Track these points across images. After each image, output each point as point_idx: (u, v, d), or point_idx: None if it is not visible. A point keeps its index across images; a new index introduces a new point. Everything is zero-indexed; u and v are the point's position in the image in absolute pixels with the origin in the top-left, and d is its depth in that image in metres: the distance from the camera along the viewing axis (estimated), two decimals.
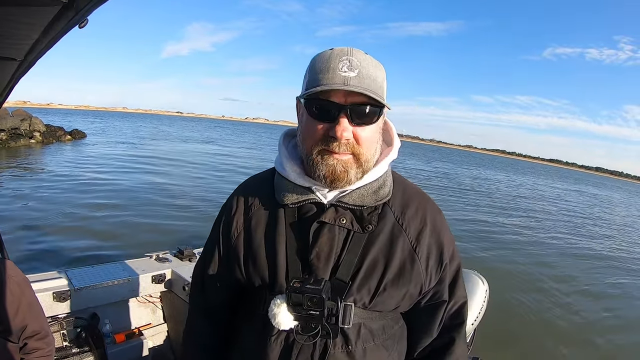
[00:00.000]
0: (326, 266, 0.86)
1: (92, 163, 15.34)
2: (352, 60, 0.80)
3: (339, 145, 0.81)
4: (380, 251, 0.87)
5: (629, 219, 21.06)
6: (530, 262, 8.79)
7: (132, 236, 7.06)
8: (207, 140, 39.05)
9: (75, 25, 0.73)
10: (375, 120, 0.83)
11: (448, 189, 20.21)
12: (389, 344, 0.92)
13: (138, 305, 2.65)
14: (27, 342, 1.51)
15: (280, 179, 0.93)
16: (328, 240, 0.86)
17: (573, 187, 44.82)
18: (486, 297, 2.55)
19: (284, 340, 0.87)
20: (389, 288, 0.87)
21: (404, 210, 0.92)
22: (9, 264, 1.54)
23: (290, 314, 0.84)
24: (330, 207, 0.89)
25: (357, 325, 0.87)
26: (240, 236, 0.94)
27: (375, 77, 0.82)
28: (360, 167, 0.85)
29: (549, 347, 4.97)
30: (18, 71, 0.97)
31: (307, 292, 0.80)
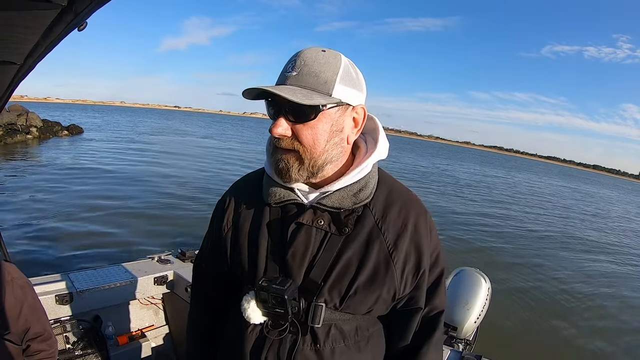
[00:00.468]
0: (300, 266, 0.88)
1: (90, 159, 15.33)
2: (297, 60, 0.83)
3: (278, 141, 0.85)
4: (354, 254, 0.87)
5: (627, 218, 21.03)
6: (531, 259, 8.79)
7: (134, 237, 7.08)
8: (207, 136, 39.05)
9: (74, 28, 0.73)
10: (312, 117, 0.82)
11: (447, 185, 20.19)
12: (361, 345, 0.92)
13: (140, 307, 2.65)
14: (30, 344, 1.51)
15: (267, 178, 0.96)
16: (304, 241, 0.88)
17: (570, 184, 44.85)
18: (489, 295, 2.56)
19: (259, 332, 0.91)
20: (360, 291, 0.87)
21: (385, 213, 0.91)
22: (11, 266, 1.54)
23: (258, 310, 0.88)
24: (309, 208, 0.90)
25: (327, 326, 0.89)
26: (229, 232, 0.98)
27: (319, 73, 0.82)
28: (303, 164, 0.86)
29: (552, 345, 4.97)
30: (18, 75, 0.97)
31: (271, 291, 0.84)
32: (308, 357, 0.88)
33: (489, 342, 3.77)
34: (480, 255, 8.47)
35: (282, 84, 0.82)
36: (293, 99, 0.77)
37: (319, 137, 0.84)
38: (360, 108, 0.89)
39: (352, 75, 0.86)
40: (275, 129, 0.83)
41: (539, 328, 5.37)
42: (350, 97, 0.86)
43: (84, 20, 0.72)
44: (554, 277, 7.71)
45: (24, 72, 0.96)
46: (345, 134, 0.89)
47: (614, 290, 7.62)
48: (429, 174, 26.70)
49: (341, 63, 0.84)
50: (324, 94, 0.82)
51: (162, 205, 9.59)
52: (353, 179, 0.90)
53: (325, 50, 0.85)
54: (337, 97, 0.83)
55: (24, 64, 0.89)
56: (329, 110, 0.84)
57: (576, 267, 8.91)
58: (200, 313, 1.14)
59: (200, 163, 17.54)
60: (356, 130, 0.91)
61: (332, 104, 0.83)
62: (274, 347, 0.89)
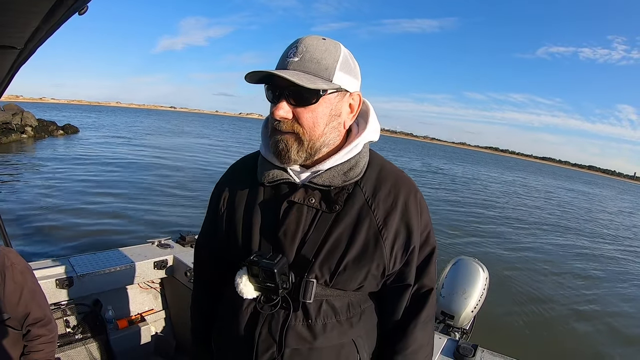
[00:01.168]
0: (292, 243, 0.90)
1: (86, 155, 15.32)
2: (298, 46, 0.85)
3: (279, 124, 0.88)
4: (344, 231, 0.90)
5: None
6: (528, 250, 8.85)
7: (134, 223, 7.10)
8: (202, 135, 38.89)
9: (75, 12, 0.73)
10: (314, 101, 0.85)
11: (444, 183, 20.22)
12: (354, 321, 0.94)
13: (140, 291, 2.67)
14: (30, 329, 1.52)
15: (262, 159, 0.99)
16: (295, 219, 0.91)
17: (566, 185, 44.99)
18: (486, 284, 2.58)
19: (253, 309, 0.93)
20: (349, 267, 0.89)
21: (376, 191, 0.93)
22: (11, 252, 1.55)
23: (251, 284, 0.90)
24: (301, 187, 0.93)
25: (319, 302, 0.91)
26: (225, 213, 1.01)
27: (320, 60, 0.85)
28: (302, 146, 0.89)
29: (548, 335, 5.03)
30: (18, 60, 0.96)
31: (261, 265, 0.86)
32: (300, 332, 0.90)
33: (485, 331, 3.81)
34: (478, 245, 8.52)
35: (283, 68, 0.84)
36: (299, 82, 0.80)
37: (319, 120, 0.87)
38: (357, 94, 0.93)
39: (350, 64, 0.90)
40: (277, 112, 0.85)
41: (536, 318, 5.43)
42: (349, 84, 0.89)
43: (85, 4, 0.71)
44: (551, 269, 7.77)
45: (24, 57, 0.95)
46: (342, 119, 0.92)
47: (609, 281, 7.69)
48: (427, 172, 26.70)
49: (341, 51, 0.88)
50: (325, 79, 0.85)
51: (161, 191, 9.61)
52: (343, 158, 0.92)
53: (325, 39, 0.87)
54: (337, 84, 0.86)
55: (24, 48, 0.88)
56: (329, 96, 0.87)
57: (572, 258, 8.98)
58: (202, 293, 1.18)
59: (196, 157, 17.55)
60: (352, 116, 0.94)
61: (332, 90, 0.86)
62: (267, 322, 0.91)
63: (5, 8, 0.67)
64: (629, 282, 7.86)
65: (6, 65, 1.01)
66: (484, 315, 2.64)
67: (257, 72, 0.84)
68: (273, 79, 0.84)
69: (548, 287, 6.67)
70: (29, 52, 0.91)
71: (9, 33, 0.80)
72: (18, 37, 0.83)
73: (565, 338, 5.06)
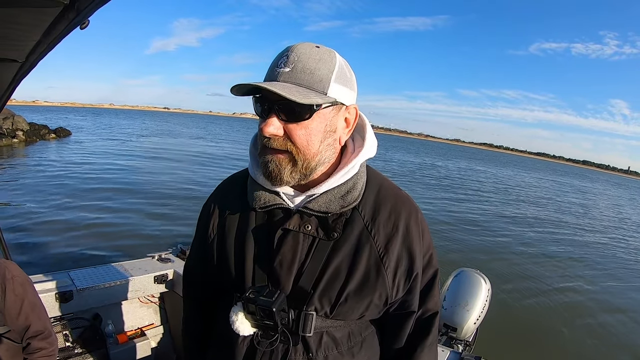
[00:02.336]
0: (289, 274, 0.84)
1: (80, 161, 15.15)
2: (290, 55, 0.77)
3: (268, 140, 0.80)
4: (344, 260, 0.84)
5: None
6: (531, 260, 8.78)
7: (134, 236, 7.08)
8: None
9: (77, 26, 0.73)
10: (307, 116, 0.78)
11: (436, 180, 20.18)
12: (355, 351, 0.90)
13: (140, 305, 2.65)
14: (30, 342, 1.51)
15: (251, 181, 0.92)
16: (291, 248, 0.85)
17: (561, 179, 44.79)
18: (488, 296, 2.56)
19: (250, 343, 0.88)
20: (350, 298, 0.84)
21: (375, 215, 0.87)
22: (12, 264, 1.54)
23: (247, 322, 0.85)
24: (296, 213, 0.86)
25: (319, 334, 0.86)
26: (215, 239, 0.95)
27: (314, 70, 0.77)
28: (296, 166, 0.81)
29: (552, 347, 4.97)
30: (19, 73, 0.97)
31: (259, 303, 0.80)
32: None
33: (488, 343, 3.76)
34: (480, 255, 8.47)
35: (273, 79, 0.77)
36: (290, 97, 0.72)
37: (313, 137, 0.80)
38: (353, 108, 0.86)
39: (346, 74, 0.82)
40: (266, 128, 0.77)
41: (539, 329, 5.37)
42: (344, 97, 0.82)
43: (86, 18, 0.72)
44: (554, 279, 7.69)
45: (25, 70, 0.96)
46: (338, 134, 0.85)
47: (617, 290, 7.61)
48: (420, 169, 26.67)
49: (336, 61, 0.80)
50: (320, 92, 0.77)
51: (161, 204, 9.59)
52: (340, 181, 0.86)
53: (319, 47, 0.80)
54: (332, 97, 0.79)
55: (25, 61, 0.89)
56: (323, 110, 0.79)
57: (578, 268, 8.90)
58: (193, 316, 1.12)
59: (193, 165, 17.54)
60: (347, 131, 0.87)
61: (327, 104, 0.79)
62: (265, 358, 0.86)
63: (6, 21, 0.68)
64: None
65: (7, 78, 1.02)
66: (486, 326, 2.61)
67: (243, 84, 0.76)
68: (262, 91, 0.77)
69: (552, 298, 6.60)
70: (30, 66, 0.92)
71: (10, 46, 0.81)
72: (19, 51, 0.84)
73: (569, 349, 5.00)
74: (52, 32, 0.74)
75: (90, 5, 0.66)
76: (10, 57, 0.86)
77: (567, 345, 5.09)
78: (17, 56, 0.86)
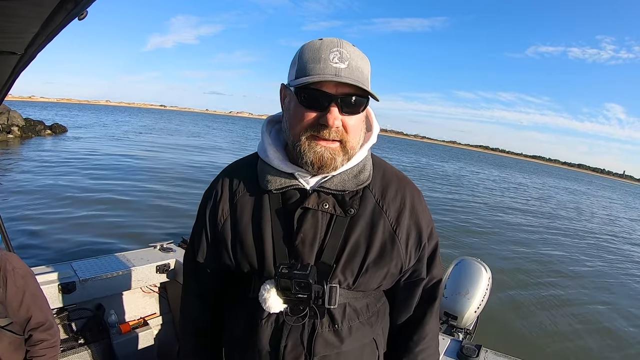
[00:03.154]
0: (311, 251, 0.89)
1: (73, 158, 14.85)
2: (342, 52, 0.82)
3: (329, 132, 0.84)
4: (362, 234, 0.90)
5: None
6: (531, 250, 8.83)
7: (136, 227, 7.10)
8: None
9: (75, 17, 0.73)
10: (362, 110, 0.86)
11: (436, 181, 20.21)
12: (373, 320, 0.96)
13: (143, 295, 2.67)
14: (32, 334, 1.52)
15: (263, 164, 0.95)
16: (312, 226, 0.89)
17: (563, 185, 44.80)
18: (489, 284, 2.57)
19: (274, 322, 0.91)
20: (371, 268, 0.90)
21: (384, 192, 0.95)
22: (13, 256, 1.55)
23: (279, 298, 0.87)
24: (312, 192, 0.91)
25: (343, 305, 0.91)
26: (227, 223, 0.96)
27: (363, 69, 0.84)
28: (347, 154, 0.88)
29: (552, 335, 5.01)
30: (19, 65, 0.97)
31: (294, 277, 0.83)
32: (327, 338, 0.90)
33: (489, 331, 3.80)
34: (482, 244, 8.50)
35: (333, 74, 0.81)
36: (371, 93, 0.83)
37: (359, 128, 0.89)
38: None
39: None
40: (334, 121, 0.82)
41: (540, 318, 5.41)
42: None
43: (85, 9, 0.71)
44: (554, 268, 7.75)
45: (24, 62, 0.95)
46: (364, 125, 0.94)
47: (613, 279, 7.67)
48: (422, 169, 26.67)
49: (369, 61, 0.88)
50: (368, 88, 0.84)
51: (162, 195, 9.61)
52: (353, 162, 0.92)
53: (355, 46, 0.86)
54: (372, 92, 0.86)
55: (24, 53, 0.89)
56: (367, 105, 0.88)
57: (576, 258, 8.95)
58: (196, 308, 1.10)
59: (191, 156, 17.48)
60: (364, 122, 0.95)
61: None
62: (293, 334, 0.89)
63: (4, 14, 0.67)
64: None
65: (7, 71, 1.02)
66: (487, 315, 2.63)
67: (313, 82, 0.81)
68: (322, 84, 0.82)
69: (552, 286, 6.65)
70: (29, 58, 0.92)
71: (9, 39, 0.80)
72: (18, 43, 0.83)
73: (569, 338, 5.04)
74: (51, 23, 0.74)
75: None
76: (9, 49, 0.86)
77: (566, 334, 5.13)
78: (16, 48, 0.86)
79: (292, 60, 0.90)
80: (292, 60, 0.90)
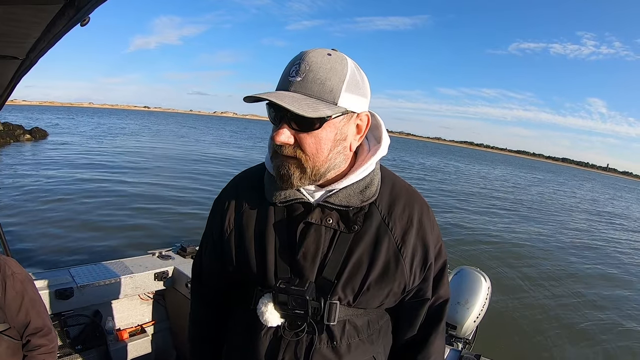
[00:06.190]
0: (312, 265, 0.88)
1: (54, 164, 14.32)
2: (301, 64, 0.79)
3: (280, 148, 0.82)
4: (365, 251, 0.88)
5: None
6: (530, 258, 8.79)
7: (134, 233, 7.08)
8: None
9: (77, 23, 0.73)
10: (317, 126, 0.80)
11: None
12: (374, 338, 0.95)
13: (140, 302, 2.66)
14: (30, 339, 1.51)
15: (269, 176, 0.94)
16: (314, 241, 0.88)
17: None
18: (488, 294, 2.56)
19: (273, 334, 0.90)
20: (372, 287, 0.88)
21: (391, 209, 0.92)
22: (12, 261, 1.54)
23: (276, 312, 0.87)
24: (317, 207, 0.89)
25: (342, 322, 0.90)
26: (232, 233, 0.96)
27: (325, 81, 0.78)
28: (305, 173, 0.84)
29: (552, 346, 4.98)
30: (20, 70, 0.97)
31: (291, 293, 0.84)
32: (325, 355, 0.88)
33: (488, 341, 3.77)
34: (478, 253, 8.47)
35: (284, 89, 0.79)
36: (298, 112, 0.74)
37: (322, 146, 0.82)
38: (365, 115, 0.87)
39: (357, 82, 0.83)
40: (278, 137, 0.80)
41: (539, 327, 5.38)
42: (355, 105, 0.83)
43: (87, 15, 0.71)
44: (554, 277, 7.71)
45: (26, 67, 0.96)
46: (348, 142, 0.87)
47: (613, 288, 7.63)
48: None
49: (347, 69, 0.81)
50: (330, 103, 0.79)
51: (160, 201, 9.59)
52: (358, 177, 0.89)
53: (331, 54, 0.81)
54: (343, 107, 0.80)
55: (26, 58, 0.89)
56: (333, 120, 0.81)
57: (578, 265, 8.91)
58: (202, 313, 1.12)
59: (181, 163, 17.41)
60: (359, 137, 0.89)
61: (337, 114, 0.80)
62: (290, 348, 0.89)
63: (7, 19, 0.68)
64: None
65: (8, 75, 1.02)
66: (486, 325, 2.61)
67: (255, 95, 0.78)
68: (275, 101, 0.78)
69: (551, 296, 6.61)
70: (31, 63, 0.92)
71: (10, 43, 0.81)
72: (20, 48, 0.84)
73: (568, 348, 5.01)
74: (53, 29, 0.74)
75: (91, 2, 0.66)
76: (10, 54, 0.86)
77: (566, 343, 5.10)
78: (18, 53, 0.86)
79: None
80: None
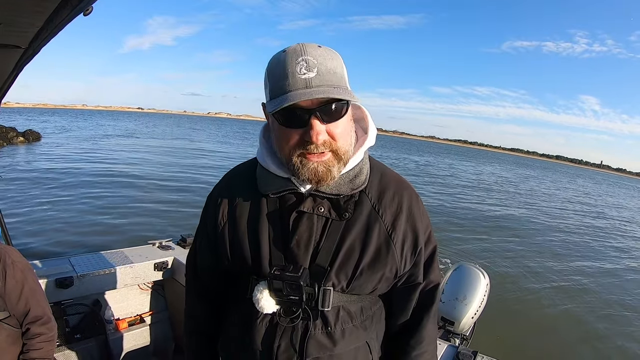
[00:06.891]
0: (306, 253, 0.90)
1: (51, 162, 14.31)
2: (308, 59, 0.78)
3: (317, 147, 0.82)
4: (356, 237, 0.90)
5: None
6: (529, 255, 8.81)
7: (134, 224, 7.10)
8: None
9: (80, 12, 0.73)
10: (344, 113, 0.83)
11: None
12: (367, 324, 0.96)
13: (140, 292, 2.67)
14: (30, 328, 1.52)
15: (262, 170, 0.96)
16: (307, 229, 0.90)
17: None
18: (487, 291, 2.57)
19: (269, 322, 0.92)
20: (365, 272, 0.90)
21: (381, 196, 0.94)
22: (12, 250, 1.55)
23: (272, 299, 0.89)
24: (308, 196, 0.91)
25: (336, 308, 0.91)
26: (226, 226, 0.98)
27: (335, 70, 0.81)
28: (341, 160, 0.86)
29: (549, 343, 4.99)
30: (23, 59, 0.97)
31: (286, 279, 0.85)
32: (320, 340, 0.90)
33: (485, 338, 3.79)
34: (479, 250, 8.49)
35: (303, 87, 0.78)
36: (346, 97, 0.78)
37: (347, 130, 0.86)
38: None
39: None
40: (317, 136, 0.79)
41: (537, 324, 5.39)
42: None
43: (90, 5, 0.71)
44: (552, 275, 7.72)
45: (28, 56, 0.96)
46: (352, 124, 0.92)
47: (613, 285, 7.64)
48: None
49: (340, 57, 0.85)
50: (347, 88, 0.82)
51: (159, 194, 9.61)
52: (348, 167, 0.91)
53: (321, 46, 0.83)
54: (351, 90, 0.83)
55: (28, 47, 0.89)
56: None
57: (575, 261, 8.93)
58: (198, 308, 1.13)
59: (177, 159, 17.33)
60: (352, 121, 0.93)
61: (355, 99, 0.83)
62: (286, 334, 0.90)
63: (10, 8, 0.68)
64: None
65: (10, 64, 1.02)
66: (484, 321, 2.63)
67: (287, 105, 0.76)
68: (296, 102, 0.77)
69: (549, 293, 6.63)
70: (33, 52, 0.92)
71: (13, 32, 0.80)
72: (22, 37, 0.83)
73: (566, 344, 5.03)
74: (55, 18, 0.74)
75: None
76: (13, 43, 0.86)
77: (565, 340, 5.12)
78: (20, 42, 0.86)
79: (263, 80, 0.87)
80: (263, 79, 0.87)
